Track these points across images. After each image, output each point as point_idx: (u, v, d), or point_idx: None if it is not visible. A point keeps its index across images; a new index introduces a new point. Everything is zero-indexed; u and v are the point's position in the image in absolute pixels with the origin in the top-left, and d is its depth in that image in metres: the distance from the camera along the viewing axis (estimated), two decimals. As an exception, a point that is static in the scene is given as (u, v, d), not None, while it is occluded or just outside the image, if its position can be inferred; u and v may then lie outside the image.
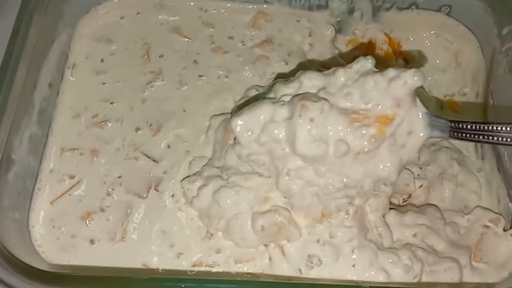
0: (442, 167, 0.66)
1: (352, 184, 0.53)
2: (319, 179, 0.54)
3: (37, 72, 0.64)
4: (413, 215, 0.61)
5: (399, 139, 0.52)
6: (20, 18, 0.62)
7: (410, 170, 0.63)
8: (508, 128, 0.50)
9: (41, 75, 0.65)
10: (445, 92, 0.77)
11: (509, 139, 0.50)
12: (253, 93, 0.67)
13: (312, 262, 0.56)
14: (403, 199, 0.65)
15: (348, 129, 0.51)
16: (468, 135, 0.52)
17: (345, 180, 0.53)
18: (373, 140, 0.51)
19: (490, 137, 0.51)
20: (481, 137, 0.52)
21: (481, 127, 0.51)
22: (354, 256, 0.56)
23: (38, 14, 0.64)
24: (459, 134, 0.53)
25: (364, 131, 0.50)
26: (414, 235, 0.59)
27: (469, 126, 0.52)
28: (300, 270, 0.56)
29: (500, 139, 0.51)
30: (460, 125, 0.53)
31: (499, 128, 0.51)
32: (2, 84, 0.58)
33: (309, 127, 0.51)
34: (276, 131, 0.53)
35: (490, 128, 0.51)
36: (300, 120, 0.51)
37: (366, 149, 0.51)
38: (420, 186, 0.64)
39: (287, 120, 0.53)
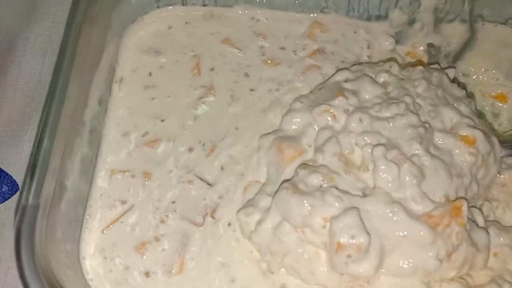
0: None
1: None
2: None
3: (88, 88, 0.59)
4: (496, 231, 0.58)
5: None
6: (69, 27, 0.57)
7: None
8: None
9: (91, 91, 0.60)
10: None
11: None
12: (298, 105, 0.63)
13: None
14: None
15: (437, 239, 0.52)
16: None
17: None
18: (460, 236, 0.53)
19: None
20: None
21: None
22: None
23: (87, 23, 0.59)
24: None
25: (449, 232, 0.52)
26: (495, 254, 0.56)
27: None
28: None
29: None
30: None
31: None
32: (53, 103, 0.53)
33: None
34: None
35: None
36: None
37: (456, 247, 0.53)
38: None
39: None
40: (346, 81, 0.64)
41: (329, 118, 0.59)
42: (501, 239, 0.57)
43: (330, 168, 0.56)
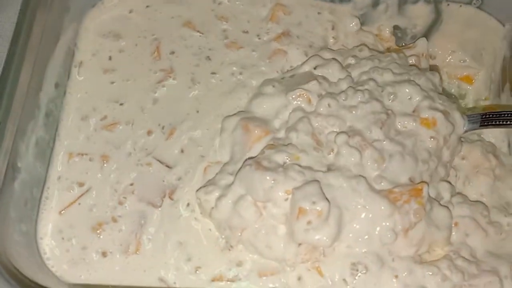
0: (477, 161, 0.64)
1: None
2: None
3: (42, 72, 0.60)
4: (460, 200, 0.59)
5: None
6: (23, 14, 0.58)
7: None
8: None
9: (47, 75, 0.60)
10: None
11: None
12: (270, 89, 0.64)
13: (357, 270, 0.54)
14: None
15: (395, 212, 0.54)
16: (498, 122, 0.60)
17: None
18: (417, 215, 0.54)
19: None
20: (508, 122, 0.59)
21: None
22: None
23: (42, 8, 0.59)
24: (489, 122, 0.60)
25: (408, 208, 0.54)
26: (455, 224, 0.58)
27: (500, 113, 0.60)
28: (345, 281, 0.54)
29: None
30: (490, 115, 0.60)
31: None
32: (6, 86, 0.54)
33: None
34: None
35: None
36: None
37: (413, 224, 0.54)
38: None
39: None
40: (315, 68, 0.65)
41: (303, 102, 0.61)
42: (463, 210, 0.59)
43: (298, 147, 0.57)
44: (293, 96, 0.61)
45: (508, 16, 0.72)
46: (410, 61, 0.68)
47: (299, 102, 0.61)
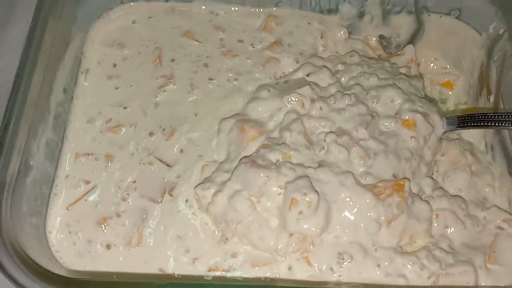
0: (455, 157, 0.68)
1: None
2: None
3: (52, 78, 0.64)
4: (440, 194, 0.63)
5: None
6: (35, 23, 0.63)
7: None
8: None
9: (56, 81, 0.65)
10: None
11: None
12: (265, 94, 0.69)
13: (343, 259, 0.58)
14: None
15: (378, 204, 0.58)
16: (473, 123, 0.65)
17: None
18: (399, 208, 0.58)
19: (489, 123, 0.63)
20: (482, 123, 0.64)
21: (484, 116, 0.64)
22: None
23: (52, 18, 0.64)
24: (466, 124, 0.65)
25: (390, 201, 0.58)
26: (436, 216, 0.61)
27: (477, 116, 0.65)
28: (332, 269, 0.58)
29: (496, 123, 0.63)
30: (466, 117, 0.65)
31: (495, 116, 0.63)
32: (19, 89, 0.58)
33: None
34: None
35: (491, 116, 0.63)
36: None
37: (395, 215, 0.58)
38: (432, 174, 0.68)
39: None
40: (308, 75, 0.70)
41: (297, 105, 0.66)
42: (442, 202, 0.63)
43: (291, 146, 0.62)
44: (289, 100, 0.65)
45: (484, 26, 0.76)
46: (402, 71, 0.73)
47: (293, 105, 0.65)
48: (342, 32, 0.78)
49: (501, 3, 0.72)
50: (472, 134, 0.73)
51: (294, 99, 0.65)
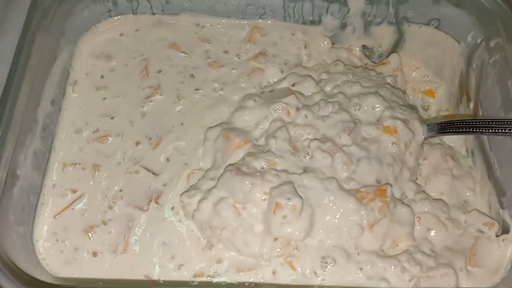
0: (437, 161, 0.70)
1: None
2: None
3: (40, 90, 0.66)
4: (423, 197, 0.65)
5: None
6: (24, 36, 0.64)
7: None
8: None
9: (44, 92, 0.66)
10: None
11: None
12: (251, 103, 0.71)
13: (326, 263, 0.59)
14: None
15: (361, 209, 0.59)
16: (452, 130, 0.67)
17: None
18: (381, 212, 0.60)
19: (468, 129, 0.65)
20: (461, 129, 0.66)
21: (463, 123, 0.66)
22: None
23: (41, 32, 0.66)
24: (445, 130, 0.67)
25: (373, 206, 0.60)
26: (418, 219, 0.63)
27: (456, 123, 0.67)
28: (315, 273, 0.59)
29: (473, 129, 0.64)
30: (446, 123, 0.67)
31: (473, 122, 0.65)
32: (7, 101, 0.60)
33: None
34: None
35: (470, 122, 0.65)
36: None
37: (378, 220, 0.60)
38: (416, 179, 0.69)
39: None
40: (293, 85, 0.72)
41: (283, 113, 0.67)
42: (424, 205, 0.64)
43: (276, 153, 0.64)
44: (275, 109, 0.67)
45: (462, 35, 0.79)
46: (388, 80, 0.76)
47: (279, 114, 0.67)
48: (325, 42, 0.81)
49: (477, 13, 0.74)
50: (453, 139, 0.75)
51: (280, 108, 0.67)
